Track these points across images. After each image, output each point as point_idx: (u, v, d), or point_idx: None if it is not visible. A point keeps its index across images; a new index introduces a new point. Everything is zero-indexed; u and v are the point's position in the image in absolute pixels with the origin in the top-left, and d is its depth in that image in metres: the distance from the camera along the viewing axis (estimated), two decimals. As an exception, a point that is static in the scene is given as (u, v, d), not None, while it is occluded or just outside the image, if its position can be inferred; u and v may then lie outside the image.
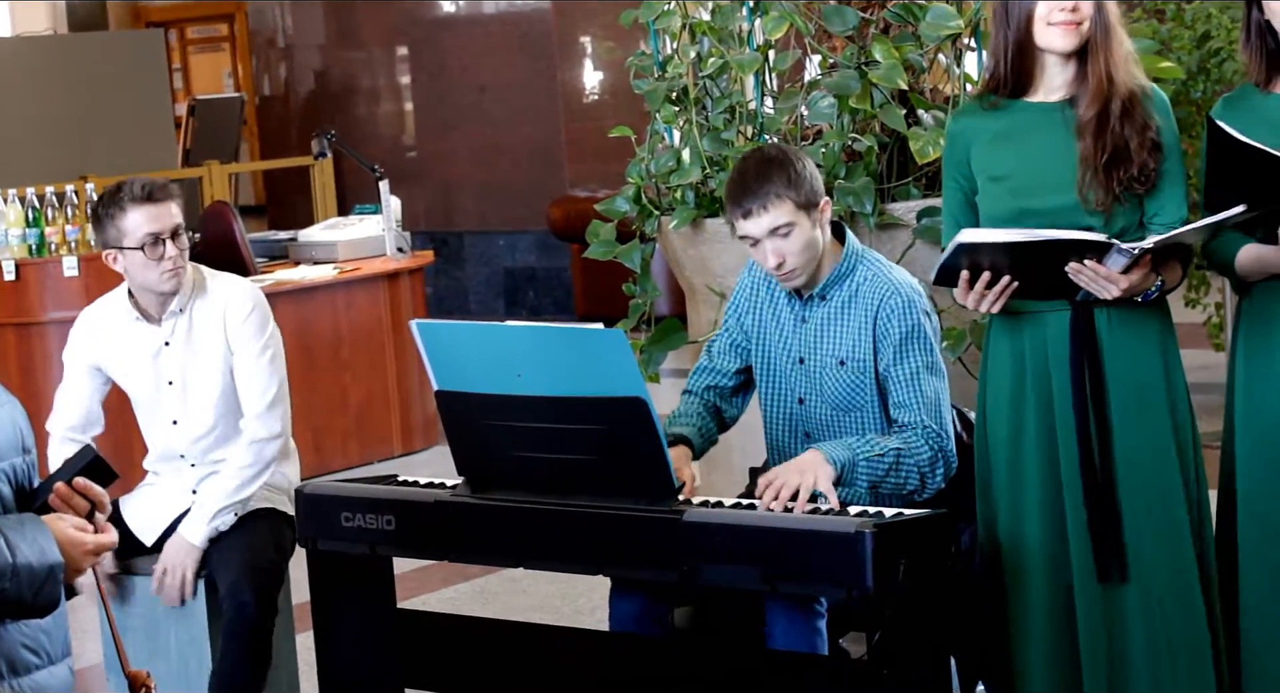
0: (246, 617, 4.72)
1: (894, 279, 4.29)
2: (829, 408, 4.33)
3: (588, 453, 4.00)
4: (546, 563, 4.35)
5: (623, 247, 5.84)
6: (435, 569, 6.80)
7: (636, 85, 5.86)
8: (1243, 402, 4.13)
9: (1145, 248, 3.90)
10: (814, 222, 4.22)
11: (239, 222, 8.81)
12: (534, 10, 13.55)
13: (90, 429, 5.03)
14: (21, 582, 3.13)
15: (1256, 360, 4.10)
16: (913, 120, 5.43)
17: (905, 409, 4.23)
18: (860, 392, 4.29)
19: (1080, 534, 4.10)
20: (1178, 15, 8.32)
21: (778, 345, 4.40)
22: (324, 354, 8.84)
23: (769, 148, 4.39)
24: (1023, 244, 3.93)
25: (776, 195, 4.16)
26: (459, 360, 4.13)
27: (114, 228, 4.83)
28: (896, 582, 3.69)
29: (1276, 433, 4.06)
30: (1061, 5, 4.02)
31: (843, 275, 4.31)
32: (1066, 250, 3.93)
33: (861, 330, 4.27)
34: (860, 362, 4.28)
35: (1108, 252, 3.91)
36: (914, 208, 5.36)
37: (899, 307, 4.25)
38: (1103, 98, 4.04)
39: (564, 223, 12.60)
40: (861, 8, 5.53)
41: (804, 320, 4.35)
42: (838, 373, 4.30)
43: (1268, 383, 4.08)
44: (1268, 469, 4.08)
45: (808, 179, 4.21)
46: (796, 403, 4.38)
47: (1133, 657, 4.11)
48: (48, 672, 3.25)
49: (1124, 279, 3.93)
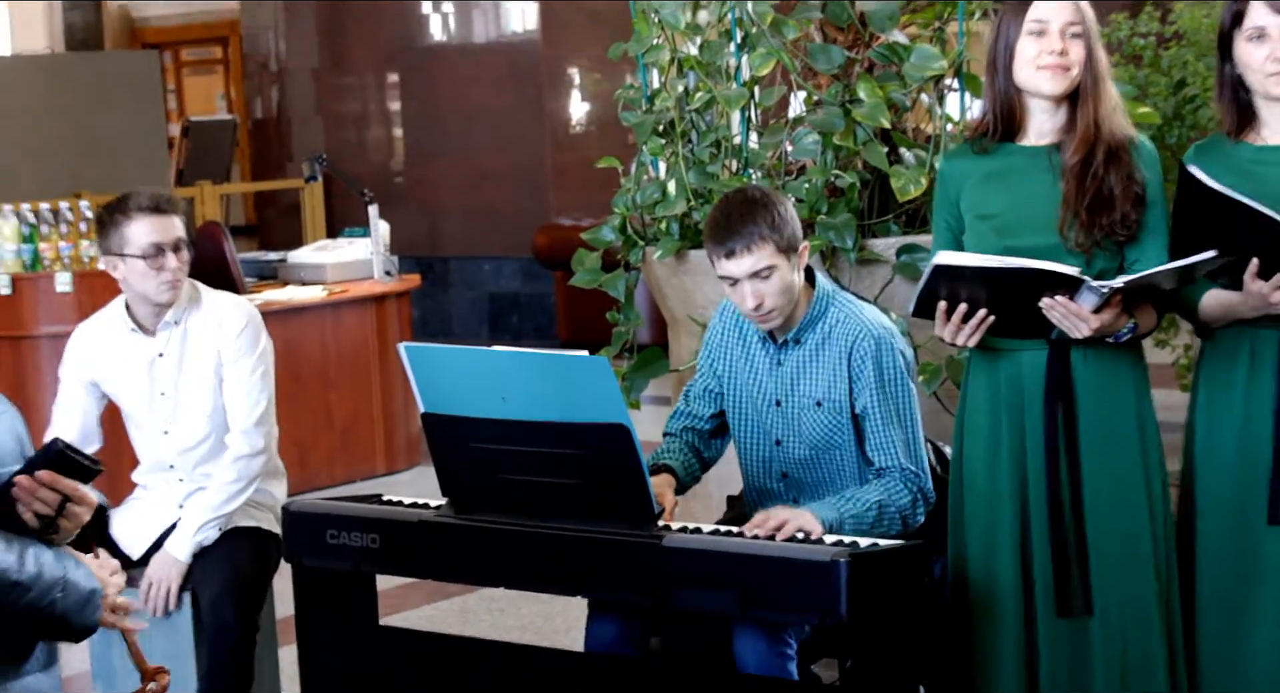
0: (227, 633, 4.72)
1: (866, 319, 4.29)
2: (806, 448, 4.33)
3: (570, 477, 3.99)
4: (526, 584, 4.36)
5: (607, 275, 5.85)
6: (417, 587, 6.80)
7: (624, 117, 5.87)
8: (1203, 442, 4.14)
9: (1115, 287, 3.91)
10: (793, 265, 4.22)
11: (230, 241, 8.81)
12: (523, 41, 13.57)
13: (88, 445, 5.00)
14: (69, 597, 3.13)
15: (1218, 402, 4.12)
16: (895, 158, 5.45)
17: (882, 452, 4.24)
18: (837, 431, 4.30)
19: (1047, 569, 4.11)
20: (1154, 62, 8.35)
21: (752, 389, 4.39)
22: (311, 373, 8.84)
23: (751, 189, 4.35)
24: (997, 272, 3.94)
25: (760, 237, 4.15)
26: (445, 384, 4.13)
27: (118, 235, 4.83)
28: (870, 610, 3.70)
29: (1234, 473, 4.08)
30: (1050, 48, 4.04)
31: (815, 318, 4.30)
32: (1040, 284, 3.93)
33: (837, 371, 4.27)
34: (836, 402, 4.28)
35: (1079, 288, 3.92)
36: (894, 244, 5.37)
37: (871, 348, 4.25)
38: (1089, 143, 4.06)
39: (548, 250, 12.61)
40: (847, 47, 5.55)
41: (779, 364, 4.34)
42: (815, 414, 4.30)
43: (1227, 424, 4.09)
44: (1226, 510, 4.10)
45: (789, 222, 4.20)
46: (774, 444, 4.38)
47: (1093, 690, 4.12)
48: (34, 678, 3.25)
49: (1094, 318, 3.93)
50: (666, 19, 5.63)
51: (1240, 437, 4.07)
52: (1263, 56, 3.97)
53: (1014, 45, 4.07)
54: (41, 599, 3.12)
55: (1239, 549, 4.08)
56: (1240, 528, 4.07)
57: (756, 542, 3.90)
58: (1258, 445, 4.04)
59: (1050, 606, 4.11)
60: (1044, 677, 4.13)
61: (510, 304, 13.72)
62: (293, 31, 14.88)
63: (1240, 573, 4.08)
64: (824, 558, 3.70)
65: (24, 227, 8.22)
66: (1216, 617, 4.12)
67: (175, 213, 4.86)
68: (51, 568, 3.13)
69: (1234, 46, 4.02)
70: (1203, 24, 8.26)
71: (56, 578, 3.12)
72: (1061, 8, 4.06)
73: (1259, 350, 4.04)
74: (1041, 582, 4.11)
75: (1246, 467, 4.06)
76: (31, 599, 3.11)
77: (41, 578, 3.11)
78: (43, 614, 3.14)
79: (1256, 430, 4.04)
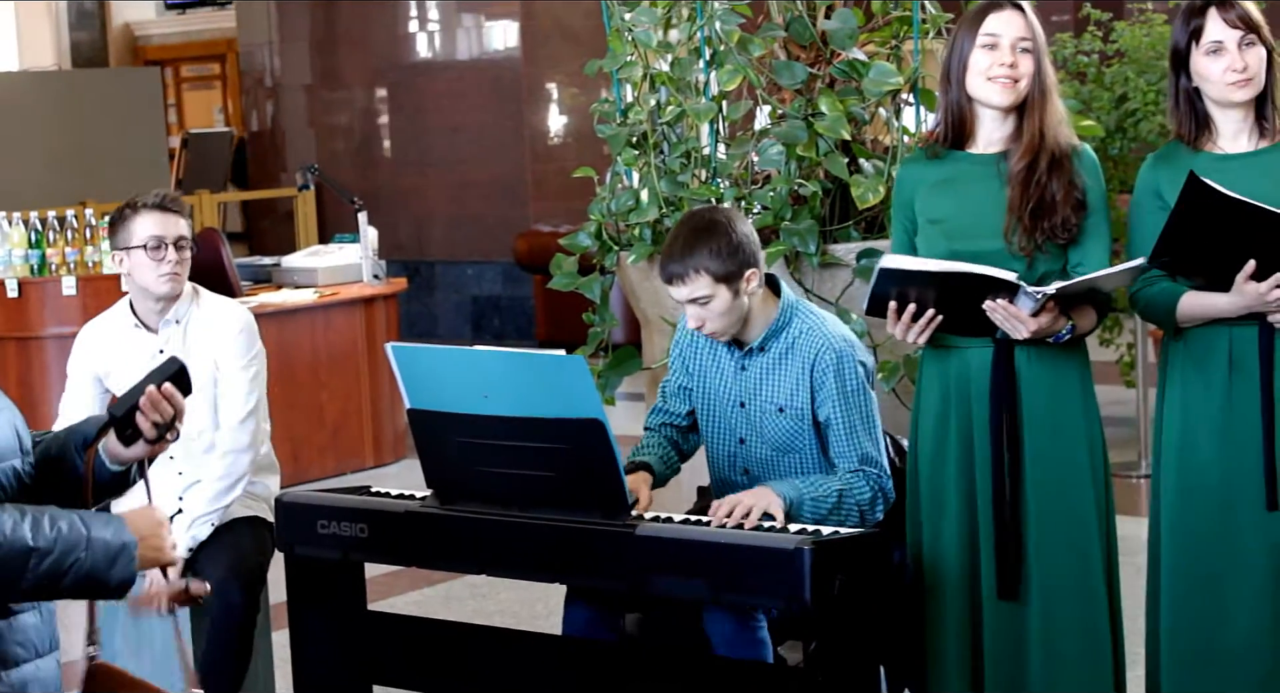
0: (234, 613, 4.68)
1: (827, 332, 4.26)
2: (769, 448, 4.31)
3: (548, 470, 3.98)
4: (507, 571, 4.34)
5: (584, 279, 5.83)
6: (404, 574, 6.77)
7: (599, 130, 5.85)
8: (1177, 438, 4.11)
9: (1049, 293, 3.91)
10: (736, 291, 4.15)
11: (227, 247, 8.79)
12: (505, 58, 13.55)
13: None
14: (96, 554, 3.06)
15: (1194, 399, 4.09)
16: (854, 168, 5.44)
17: (844, 459, 4.23)
18: (799, 436, 4.27)
19: (991, 555, 4.10)
20: (1098, 77, 8.37)
21: (719, 388, 4.37)
22: (303, 372, 8.81)
23: (709, 213, 4.29)
24: (940, 275, 3.93)
25: (695, 270, 4.11)
26: (430, 381, 4.12)
27: (125, 230, 4.82)
28: (832, 595, 3.69)
29: (1216, 468, 4.05)
30: (1001, 61, 4.03)
31: (779, 328, 4.27)
32: (983, 287, 3.92)
33: (799, 380, 4.24)
34: (798, 409, 4.25)
35: (1018, 292, 3.92)
36: (854, 249, 5.36)
37: (833, 361, 4.21)
38: (1033, 152, 4.05)
39: (528, 255, 12.59)
40: (809, 64, 5.54)
41: (744, 369, 4.32)
42: (777, 418, 4.27)
43: (1205, 421, 4.07)
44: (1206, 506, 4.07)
45: (736, 249, 4.13)
46: (738, 442, 4.36)
47: (1032, 674, 4.10)
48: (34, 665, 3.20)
49: (1032, 321, 3.92)
50: (639, 37, 5.62)
51: (1222, 433, 4.04)
52: (1221, 68, 3.98)
53: (967, 57, 4.07)
54: (64, 561, 3.06)
55: (1218, 543, 4.05)
56: (1222, 523, 4.04)
57: (725, 530, 3.89)
58: (1243, 440, 4.02)
59: (994, 589, 4.10)
60: (987, 656, 4.12)
61: (492, 306, 13.69)
62: (287, 49, 14.83)
63: (1217, 566, 4.06)
64: (789, 546, 3.69)
65: (31, 233, 8.21)
66: (1187, 609, 4.10)
67: (180, 212, 4.85)
68: (71, 530, 3.07)
69: (1190, 61, 4.02)
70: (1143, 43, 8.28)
71: (79, 538, 3.06)
72: (1013, 23, 4.06)
73: (1238, 348, 4.03)
74: (986, 566, 4.10)
75: (1230, 462, 4.03)
76: (53, 562, 3.05)
77: (61, 541, 3.06)
78: (71, 575, 3.09)
79: (1241, 426, 4.02)
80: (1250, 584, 4.04)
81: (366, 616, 4.55)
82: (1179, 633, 4.11)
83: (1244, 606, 4.05)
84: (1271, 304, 3.92)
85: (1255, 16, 4.01)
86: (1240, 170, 3.97)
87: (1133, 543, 4.34)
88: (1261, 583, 4.03)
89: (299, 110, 14.88)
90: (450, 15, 13.86)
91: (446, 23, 13.90)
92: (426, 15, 14.01)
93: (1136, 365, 8.28)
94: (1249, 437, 4.02)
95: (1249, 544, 4.04)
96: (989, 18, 4.06)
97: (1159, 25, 8.36)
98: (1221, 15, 3.98)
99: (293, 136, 14.96)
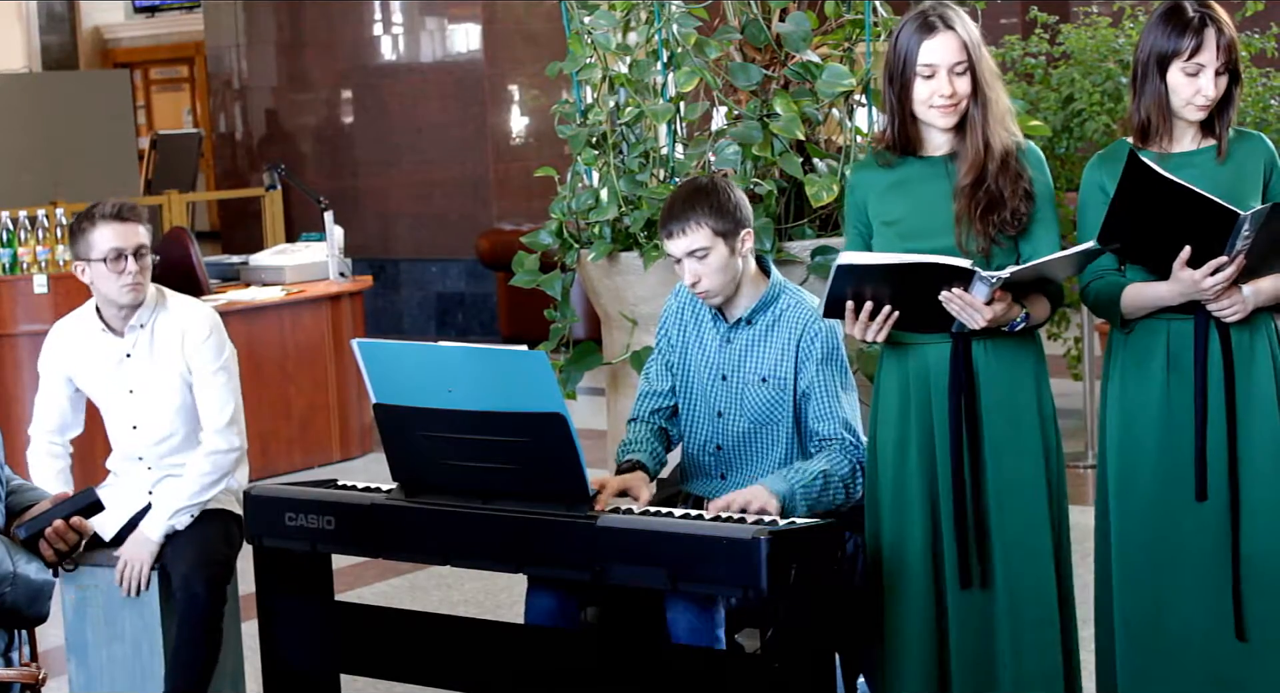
0: (197, 605, 4.68)
1: (815, 307, 4.30)
2: (746, 421, 4.33)
3: (511, 463, 3.98)
4: (471, 562, 4.32)
5: (545, 276, 5.82)
6: (370, 565, 6.76)
7: (560, 130, 5.84)
8: (1120, 432, 4.14)
9: (1002, 277, 3.92)
10: (732, 248, 4.24)
11: (195, 246, 8.76)
12: (467, 60, 13.52)
13: (68, 432, 5.00)
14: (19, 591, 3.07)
15: (1133, 393, 4.12)
16: (809, 168, 5.44)
17: (825, 421, 4.27)
18: (778, 407, 4.30)
19: (954, 546, 4.11)
20: (1045, 79, 8.39)
21: (700, 362, 4.39)
22: (271, 368, 8.79)
23: (703, 178, 4.42)
24: (897, 268, 3.94)
25: (696, 222, 4.20)
26: (396, 376, 4.11)
27: (84, 241, 4.79)
28: (788, 584, 3.69)
29: (1155, 460, 4.08)
30: (939, 91, 4.05)
31: (768, 302, 4.33)
32: (937, 277, 3.94)
33: (785, 351, 4.29)
34: (781, 380, 4.29)
35: (972, 279, 3.93)
36: (809, 246, 5.37)
37: (823, 330, 4.29)
38: (980, 166, 4.07)
39: (491, 253, 12.57)
40: (765, 66, 5.55)
41: (729, 341, 4.35)
42: (758, 389, 4.30)
43: (1145, 414, 4.10)
44: (1147, 497, 4.10)
45: (732, 209, 4.24)
46: (715, 416, 4.38)
47: (998, 659, 4.12)
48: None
49: (988, 309, 3.94)
50: (599, 40, 5.61)
51: (1163, 426, 4.07)
52: (1193, 91, 4.01)
53: (910, 84, 4.07)
54: None
55: (1161, 532, 4.08)
56: (1164, 514, 4.07)
57: (684, 521, 3.89)
58: (1180, 432, 4.05)
59: (956, 579, 4.11)
60: (953, 645, 4.13)
61: (456, 303, 13.67)
62: (254, 52, 14.78)
63: (1161, 555, 4.08)
64: (746, 536, 3.70)
65: (3, 232, 8.16)
66: (1136, 596, 4.12)
67: (138, 221, 4.81)
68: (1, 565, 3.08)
69: (1169, 71, 4.04)
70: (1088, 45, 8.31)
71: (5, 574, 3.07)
72: (948, 48, 4.04)
73: (1175, 341, 4.06)
74: (949, 557, 4.11)
75: (1169, 453, 4.06)
76: None
77: None
78: None
79: (1179, 419, 4.05)
80: (1193, 571, 4.07)
81: (334, 606, 4.54)
82: (1131, 619, 4.13)
83: (1188, 593, 4.08)
84: (1208, 292, 3.94)
85: (1237, 46, 4.05)
86: (1175, 170, 3.98)
87: (1080, 531, 4.36)
88: (1205, 569, 4.06)
89: (266, 111, 14.84)
90: (414, 18, 13.84)
91: (410, 25, 13.87)
92: (391, 18, 13.99)
93: (1083, 359, 8.31)
94: (1186, 428, 4.05)
95: (1189, 533, 4.06)
96: (924, 46, 4.05)
97: (1104, 28, 8.40)
98: (1217, 41, 4.01)
99: (260, 138, 14.91)
